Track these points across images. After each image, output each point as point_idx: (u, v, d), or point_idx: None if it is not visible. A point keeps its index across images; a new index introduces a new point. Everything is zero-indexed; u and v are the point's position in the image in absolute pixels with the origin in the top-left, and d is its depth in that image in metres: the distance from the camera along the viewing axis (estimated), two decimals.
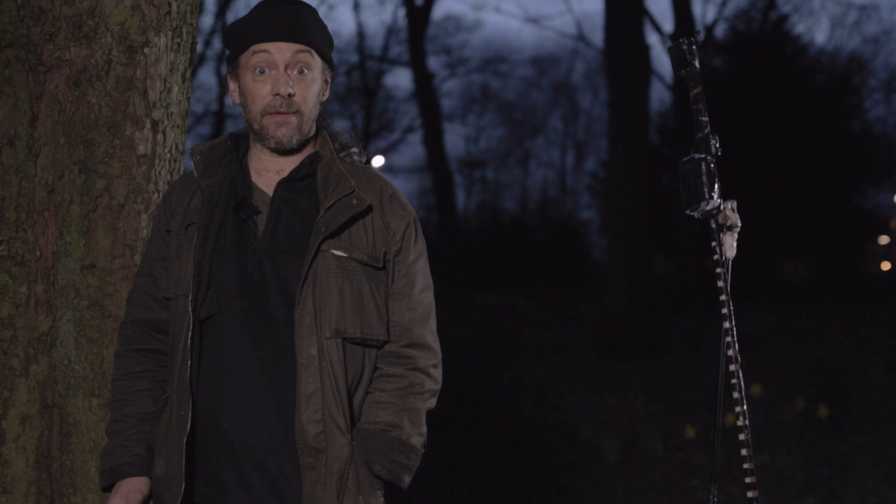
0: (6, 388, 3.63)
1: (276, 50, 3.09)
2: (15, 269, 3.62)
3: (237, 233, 3.12)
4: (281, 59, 3.09)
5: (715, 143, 3.26)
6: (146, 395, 3.26)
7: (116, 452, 3.21)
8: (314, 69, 3.14)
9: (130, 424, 3.23)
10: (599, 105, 50.32)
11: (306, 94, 3.12)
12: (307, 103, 3.13)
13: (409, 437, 3.08)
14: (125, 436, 3.21)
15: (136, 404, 3.25)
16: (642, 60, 19.76)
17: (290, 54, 3.09)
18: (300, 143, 3.16)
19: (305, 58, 3.11)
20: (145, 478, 3.17)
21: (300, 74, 3.11)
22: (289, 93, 3.08)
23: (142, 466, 3.17)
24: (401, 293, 3.16)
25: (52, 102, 3.63)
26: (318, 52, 3.14)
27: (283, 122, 3.10)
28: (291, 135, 3.12)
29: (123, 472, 3.15)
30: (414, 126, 44.38)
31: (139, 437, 3.20)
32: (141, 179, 3.73)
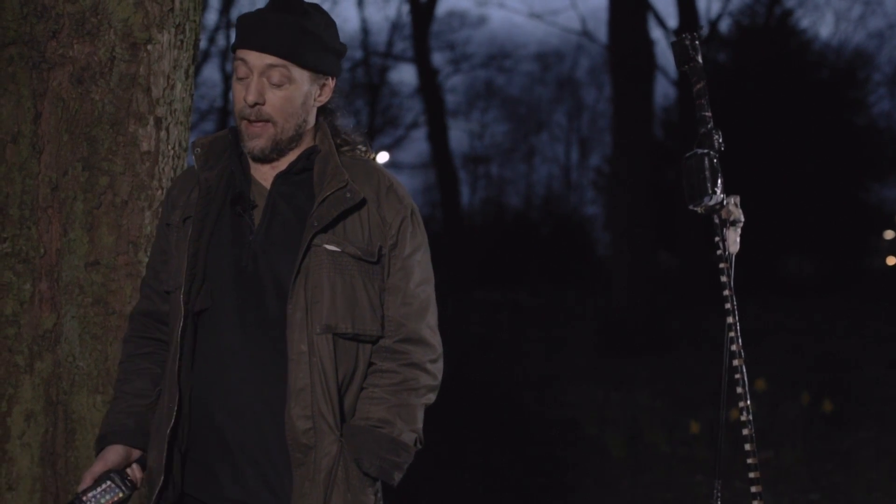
0: (11, 385, 3.64)
1: (252, 58, 3.05)
2: (19, 266, 3.62)
3: (233, 227, 3.11)
4: (256, 68, 3.05)
5: (718, 138, 3.25)
6: (146, 374, 3.27)
7: (105, 423, 3.24)
8: (294, 80, 3.08)
9: (124, 399, 3.25)
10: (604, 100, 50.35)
11: (280, 103, 3.08)
12: (281, 112, 3.08)
13: (401, 434, 3.06)
14: (117, 409, 3.23)
15: (134, 382, 3.26)
16: (646, 56, 19.75)
17: (262, 65, 3.05)
18: (280, 154, 3.13)
19: (280, 71, 3.04)
20: (127, 447, 3.17)
21: (274, 85, 3.08)
22: (255, 101, 3.05)
23: (126, 435, 3.17)
24: (396, 287, 3.14)
25: (55, 100, 3.64)
26: (299, 64, 3.08)
27: (256, 135, 3.07)
28: (263, 147, 3.09)
29: (107, 439, 3.17)
30: (418, 122, 44.40)
31: (130, 411, 3.21)
32: (144, 176, 3.73)
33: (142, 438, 3.19)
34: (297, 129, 3.15)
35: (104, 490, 3.00)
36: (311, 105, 3.18)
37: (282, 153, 3.16)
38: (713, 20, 35.17)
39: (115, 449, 3.15)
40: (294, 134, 3.15)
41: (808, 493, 8.52)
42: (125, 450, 3.16)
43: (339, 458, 3.00)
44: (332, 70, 3.21)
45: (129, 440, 3.17)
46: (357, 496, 3.01)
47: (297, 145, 3.18)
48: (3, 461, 3.63)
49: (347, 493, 3.00)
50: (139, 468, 3.17)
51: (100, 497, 2.99)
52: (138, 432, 3.19)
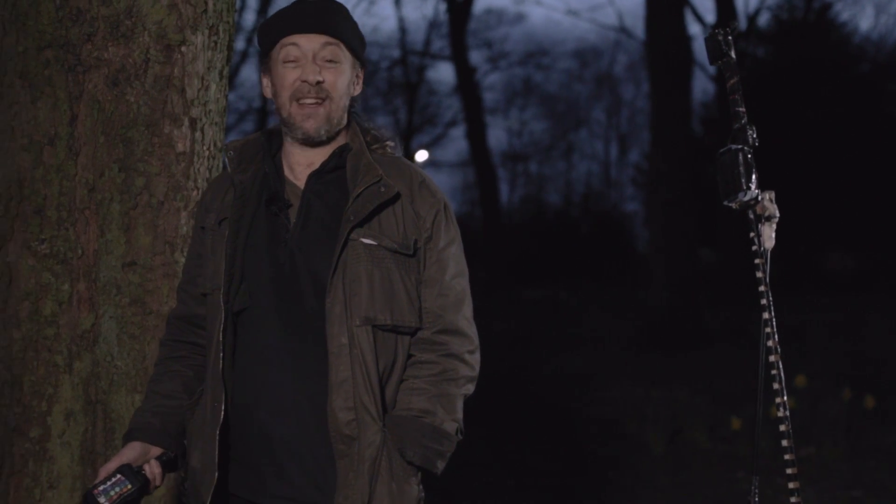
0: (51, 384, 3.67)
1: (304, 41, 3.12)
2: (57, 267, 3.66)
3: (269, 226, 3.14)
4: (310, 50, 3.12)
5: (752, 133, 3.24)
6: (177, 376, 3.29)
7: (131, 420, 3.27)
8: (343, 61, 3.16)
9: (152, 398, 3.28)
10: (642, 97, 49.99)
11: (336, 81, 3.14)
12: (337, 90, 3.15)
13: (443, 423, 3.08)
14: (144, 408, 3.27)
15: (164, 384, 3.29)
16: (684, 51, 19.67)
17: (318, 45, 3.12)
18: (329, 135, 3.17)
19: (334, 49, 3.13)
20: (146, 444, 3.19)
21: (329, 63, 3.13)
22: (317, 80, 3.10)
23: (148, 432, 3.20)
24: (432, 280, 3.16)
25: (91, 102, 3.67)
26: (346, 45, 3.17)
27: (311, 114, 3.12)
28: (319, 126, 3.14)
29: (129, 436, 3.20)
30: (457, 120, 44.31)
31: (156, 410, 3.24)
32: (180, 177, 3.76)
33: (165, 438, 3.21)
34: (343, 113, 3.21)
35: (114, 483, 3.03)
36: (350, 92, 3.24)
37: (330, 138, 3.20)
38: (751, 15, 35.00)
39: (133, 445, 3.17)
40: (341, 116, 3.20)
41: (850, 489, 8.47)
42: (143, 446, 3.18)
43: (383, 448, 3.02)
44: (363, 60, 3.30)
45: (151, 438, 3.19)
46: (401, 485, 3.03)
47: (332, 140, 3.21)
48: (44, 460, 3.67)
49: (392, 483, 3.01)
50: (158, 465, 3.19)
51: (109, 490, 3.02)
52: (162, 431, 3.21)
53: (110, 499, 3.01)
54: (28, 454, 3.68)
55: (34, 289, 3.67)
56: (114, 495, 3.02)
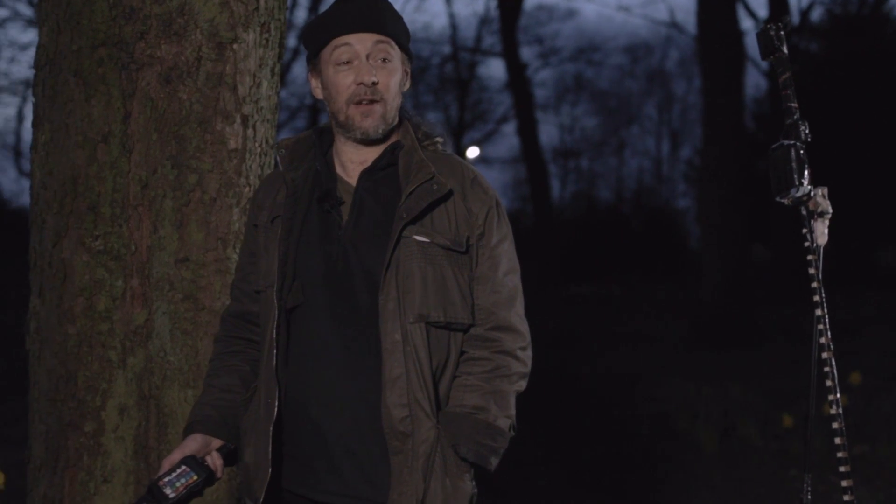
0: (105, 379, 3.71)
1: (356, 41, 3.13)
2: (111, 263, 3.69)
3: (322, 224, 3.15)
4: (362, 50, 3.12)
5: (804, 129, 3.22)
6: (234, 371, 3.31)
7: (191, 413, 3.29)
8: (394, 59, 3.17)
9: (210, 392, 3.30)
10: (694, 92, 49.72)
11: (389, 81, 3.15)
12: (390, 91, 3.15)
13: (496, 419, 3.08)
14: (203, 401, 3.28)
15: (222, 378, 3.31)
16: (736, 46, 19.54)
17: (370, 44, 3.13)
18: (385, 133, 3.18)
19: (385, 48, 3.14)
20: (207, 436, 3.21)
21: (382, 63, 3.14)
22: (372, 81, 3.11)
23: (208, 424, 3.22)
24: (485, 277, 3.16)
25: (144, 99, 3.70)
26: (396, 42, 3.18)
27: (369, 113, 3.13)
28: (377, 125, 3.15)
29: (191, 428, 3.22)
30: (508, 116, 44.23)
31: (215, 403, 3.26)
32: (232, 173, 3.79)
33: (225, 430, 3.23)
34: (396, 111, 3.22)
35: (179, 474, 3.05)
36: (402, 89, 3.25)
37: (386, 136, 3.21)
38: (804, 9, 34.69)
39: (195, 437, 3.19)
40: (395, 114, 3.21)
41: None
42: (204, 438, 3.20)
43: (437, 444, 3.02)
44: (411, 54, 3.31)
45: (211, 430, 3.21)
46: (455, 482, 3.03)
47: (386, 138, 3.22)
48: (99, 454, 3.70)
49: (445, 479, 3.02)
50: (219, 456, 3.21)
51: (174, 481, 3.04)
52: (222, 424, 3.23)
53: (176, 490, 3.03)
54: (82, 448, 3.71)
55: (88, 284, 3.71)
56: (180, 486, 3.04)
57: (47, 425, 3.81)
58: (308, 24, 3.26)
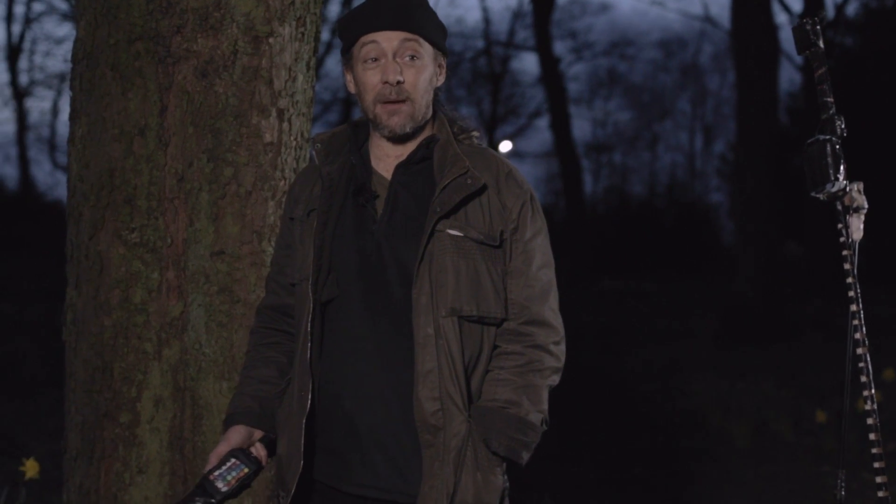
0: (140, 371, 3.73)
1: (383, 39, 3.12)
2: (147, 255, 3.72)
3: (356, 217, 3.16)
4: (389, 48, 3.12)
5: (840, 124, 3.21)
6: (272, 362, 3.33)
7: (230, 405, 3.32)
8: (423, 56, 3.16)
9: (249, 383, 3.31)
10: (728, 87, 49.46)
11: (416, 80, 3.14)
12: (417, 89, 3.15)
13: (528, 413, 3.08)
14: (241, 392, 3.30)
15: (259, 369, 3.32)
16: (771, 41, 19.44)
17: (397, 42, 3.12)
18: (414, 129, 3.18)
19: (413, 45, 3.13)
20: (250, 427, 3.23)
21: (409, 61, 3.14)
22: (397, 80, 3.11)
23: (249, 416, 3.24)
24: (518, 271, 3.16)
25: (180, 93, 3.72)
26: (426, 38, 3.16)
27: (395, 111, 3.13)
28: (404, 123, 3.15)
29: (233, 419, 3.24)
30: (541, 111, 44.17)
31: (254, 394, 3.28)
32: (268, 167, 3.80)
33: (265, 421, 3.25)
34: (427, 108, 3.21)
35: (230, 467, 3.07)
36: (434, 85, 3.24)
37: (415, 133, 3.21)
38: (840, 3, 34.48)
39: (238, 429, 3.21)
40: (425, 112, 3.21)
41: None
42: (247, 430, 3.22)
43: (468, 438, 3.03)
44: (445, 49, 3.28)
45: (253, 421, 3.23)
46: (486, 475, 3.04)
47: (419, 133, 3.22)
48: (134, 445, 3.73)
49: (477, 473, 3.02)
50: (262, 447, 3.23)
51: (226, 474, 3.06)
52: (262, 415, 3.25)
53: (228, 483, 3.05)
54: (118, 439, 3.74)
55: (124, 277, 3.73)
56: (231, 479, 3.06)
57: (83, 416, 3.83)
58: (341, 19, 3.26)
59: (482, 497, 3.03)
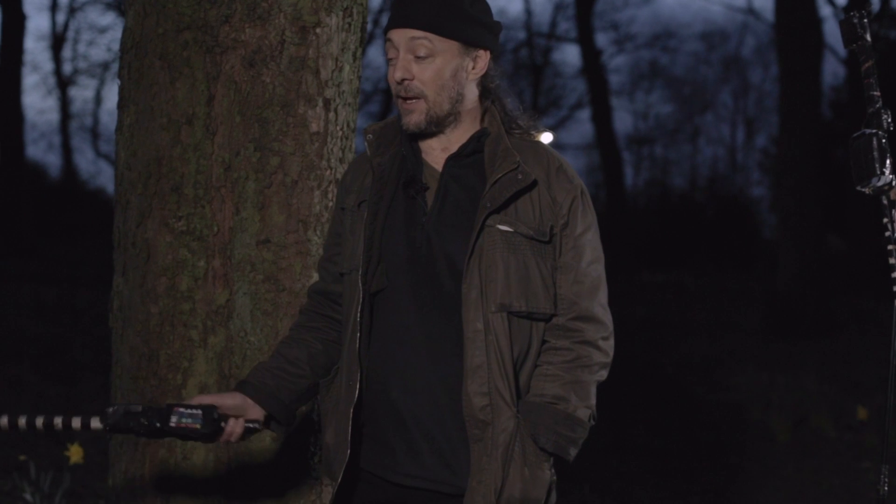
0: (186, 358, 3.76)
1: (396, 37, 3.12)
2: (194, 243, 3.74)
3: (406, 209, 3.16)
4: (401, 46, 3.11)
5: (887, 117, 3.20)
6: (305, 346, 3.32)
7: (250, 372, 3.28)
8: (437, 53, 3.11)
9: (276, 359, 3.29)
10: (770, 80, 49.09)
11: (427, 76, 3.11)
12: (428, 86, 3.12)
13: (576, 409, 3.07)
14: (266, 365, 3.28)
15: (292, 349, 3.31)
16: (814, 34, 19.33)
17: (405, 40, 3.10)
18: (438, 126, 3.16)
19: (421, 42, 3.09)
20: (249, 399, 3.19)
21: (419, 58, 3.13)
22: (401, 77, 3.10)
23: (259, 390, 3.20)
24: (568, 266, 3.14)
25: (228, 82, 3.74)
26: (441, 34, 3.11)
27: (410, 110, 3.12)
28: (418, 121, 3.13)
29: (242, 387, 3.20)
30: (582, 103, 44.07)
31: (275, 371, 3.25)
32: (314, 156, 3.82)
33: (273, 402, 3.20)
34: (453, 103, 3.17)
35: (190, 415, 3.03)
36: (464, 78, 3.19)
37: (441, 127, 3.18)
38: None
39: (234, 395, 3.18)
40: (450, 108, 3.17)
41: None
42: (244, 399, 3.18)
43: (516, 433, 3.02)
44: (483, 41, 3.21)
45: (259, 398, 3.20)
46: (534, 471, 3.04)
47: (458, 122, 3.20)
48: None
49: (524, 468, 3.02)
50: (241, 426, 3.17)
51: (184, 415, 3.03)
52: (272, 395, 3.20)
53: (178, 424, 3.03)
54: None
55: (171, 265, 3.76)
56: (183, 423, 3.04)
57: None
58: None
59: (529, 493, 3.03)
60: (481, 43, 3.19)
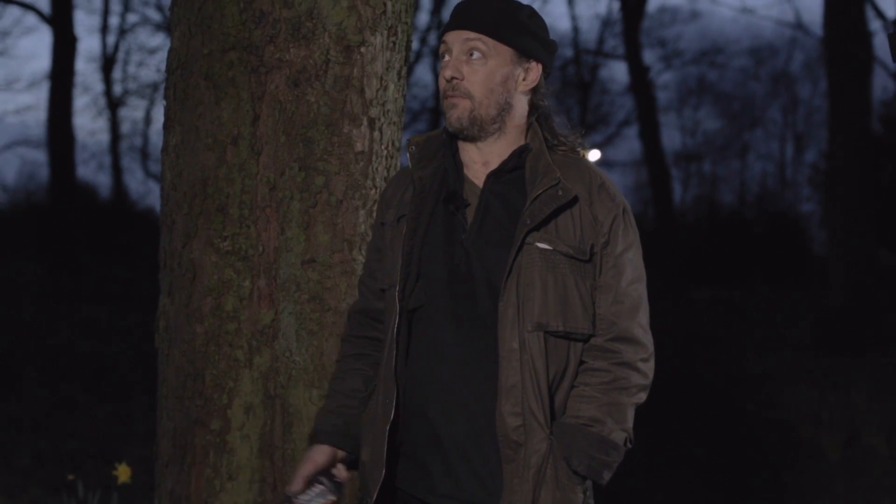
0: (231, 378, 3.76)
1: (451, 38, 3.16)
2: (239, 263, 3.74)
3: (446, 225, 3.15)
4: (455, 47, 3.14)
5: None
6: (358, 374, 3.34)
7: (317, 419, 3.34)
8: (489, 56, 3.14)
9: (335, 398, 3.33)
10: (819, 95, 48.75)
11: (473, 77, 3.13)
12: (476, 87, 3.14)
13: (611, 433, 3.04)
14: (328, 407, 3.32)
15: (347, 381, 3.33)
16: (864, 48, 19.19)
17: (460, 41, 3.14)
18: (478, 130, 3.16)
19: (475, 44, 3.12)
20: (333, 448, 3.25)
21: (469, 58, 3.14)
22: (451, 76, 3.13)
23: (334, 435, 3.26)
24: (608, 286, 3.12)
25: (273, 102, 3.75)
26: (495, 38, 3.14)
27: (453, 105, 3.14)
28: (459, 117, 3.14)
29: (318, 437, 3.26)
30: (630, 119, 43.98)
31: (340, 410, 3.29)
32: (359, 176, 3.81)
33: (349, 441, 3.26)
34: (500, 110, 3.18)
35: (317, 493, 3.07)
36: (513, 87, 3.20)
37: (483, 132, 3.18)
38: None
39: (322, 449, 3.23)
40: (496, 114, 3.18)
41: None
42: (331, 449, 3.24)
43: (549, 455, 3.00)
44: (536, 53, 3.22)
45: (337, 440, 3.24)
46: (566, 494, 3.01)
47: (502, 133, 3.20)
48: (224, 452, 3.76)
49: (556, 491, 2.99)
50: (344, 468, 3.24)
51: (310, 500, 3.06)
52: (346, 434, 3.25)
53: None
54: (209, 445, 3.77)
55: (216, 285, 3.76)
56: None
57: (175, 422, 3.87)
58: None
59: None
60: (534, 54, 3.21)
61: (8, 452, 8.73)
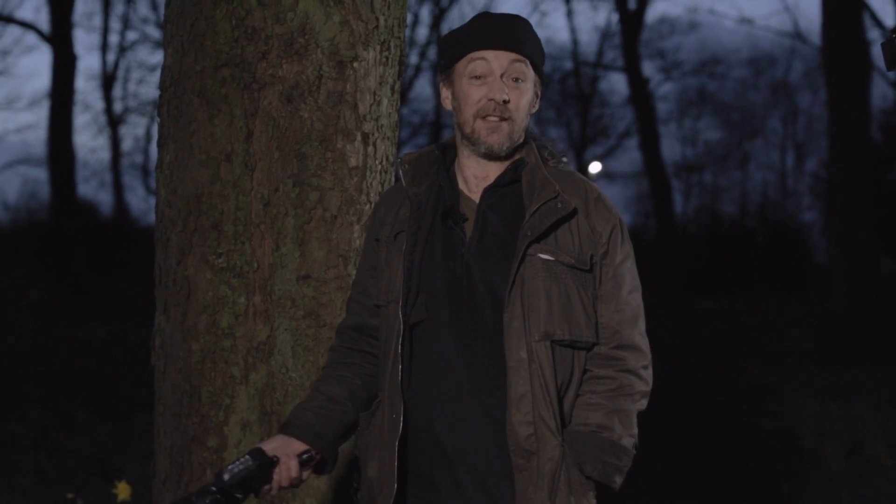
0: (227, 395, 3.75)
1: (493, 57, 3.13)
2: (234, 280, 3.74)
3: (445, 240, 3.15)
4: (497, 67, 3.12)
5: None
6: (344, 382, 3.31)
7: (290, 414, 3.28)
8: (528, 80, 3.16)
9: (316, 398, 3.29)
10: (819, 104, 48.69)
11: (519, 101, 3.15)
12: (519, 111, 3.15)
13: (620, 438, 3.07)
14: (306, 404, 3.27)
15: (331, 386, 3.30)
16: (863, 57, 19.19)
17: (506, 62, 3.13)
18: (510, 151, 3.18)
19: (521, 67, 3.14)
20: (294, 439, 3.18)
21: (515, 82, 3.14)
22: (504, 98, 3.11)
23: (302, 429, 3.19)
24: (609, 295, 3.15)
25: (266, 118, 3.75)
26: (532, 63, 3.17)
27: (495, 129, 3.13)
28: (502, 142, 3.15)
29: (284, 429, 3.21)
30: (630, 131, 43.99)
31: (317, 410, 3.24)
32: (353, 191, 3.81)
33: (318, 440, 3.19)
34: (523, 133, 3.21)
35: (238, 462, 3.04)
36: (532, 111, 3.24)
37: (509, 155, 3.20)
38: None
39: (280, 438, 3.18)
40: (521, 135, 3.21)
41: None
42: (284, 439, 3.17)
43: (562, 462, 3.02)
44: (544, 77, 3.29)
45: (305, 436, 3.19)
46: (579, 500, 3.03)
47: (509, 155, 3.22)
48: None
49: (570, 497, 3.01)
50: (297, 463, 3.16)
51: (233, 468, 3.04)
52: (317, 434, 3.19)
53: (232, 474, 3.03)
54: (206, 463, 3.77)
55: (212, 302, 3.76)
56: (235, 471, 3.04)
57: (172, 440, 3.87)
58: (447, 35, 3.27)
59: None
60: (544, 78, 3.27)
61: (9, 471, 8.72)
